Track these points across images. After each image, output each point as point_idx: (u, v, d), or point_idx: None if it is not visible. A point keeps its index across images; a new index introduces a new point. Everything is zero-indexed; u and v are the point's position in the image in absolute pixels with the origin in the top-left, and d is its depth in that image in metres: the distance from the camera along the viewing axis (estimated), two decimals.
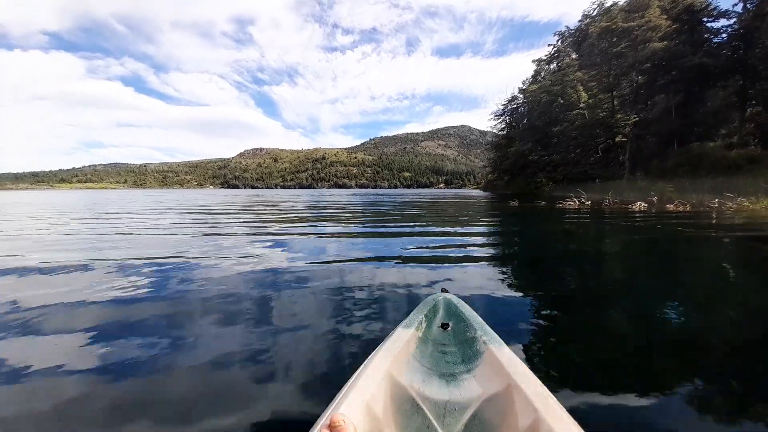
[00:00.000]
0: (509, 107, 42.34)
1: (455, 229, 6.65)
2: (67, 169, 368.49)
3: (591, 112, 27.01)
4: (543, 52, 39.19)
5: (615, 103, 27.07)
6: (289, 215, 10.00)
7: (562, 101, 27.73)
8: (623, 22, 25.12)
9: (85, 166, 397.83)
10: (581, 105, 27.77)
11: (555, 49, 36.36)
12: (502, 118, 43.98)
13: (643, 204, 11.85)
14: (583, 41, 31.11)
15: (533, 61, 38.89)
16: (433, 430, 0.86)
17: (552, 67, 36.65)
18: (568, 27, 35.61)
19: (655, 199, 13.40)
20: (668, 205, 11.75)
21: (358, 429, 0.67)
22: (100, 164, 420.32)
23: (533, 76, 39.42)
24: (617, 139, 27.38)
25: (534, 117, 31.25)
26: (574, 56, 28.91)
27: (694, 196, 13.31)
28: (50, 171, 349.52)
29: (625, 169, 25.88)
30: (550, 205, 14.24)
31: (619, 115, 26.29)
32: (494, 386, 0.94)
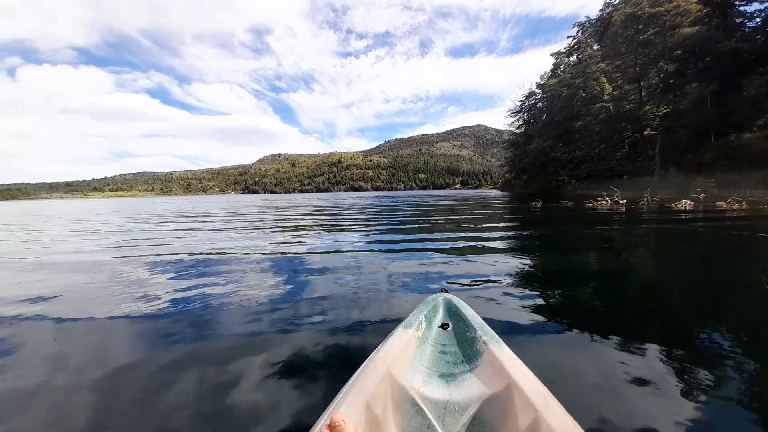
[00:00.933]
0: (527, 103, 40.88)
1: (471, 235, 5.97)
2: (100, 179, 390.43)
3: (616, 105, 25.52)
4: (560, 47, 37.58)
5: (642, 94, 25.47)
6: (296, 225, 9.66)
7: (584, 94, 26.36)
8: (650, 8, 23.61)
9: (116, 176, 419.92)
10: (605, 97, 26.31)
11: (575, 40, 34.76)
12: (520, 114, 42.53)
13: (688, 202, 10.34)
14: (605, 31, 29.56)
15: (552, 55, 37.38)
16: (433, 430, 0.86)
17: (572, 59, 35.07)
18: (588, 17, 34.03)
19: (702, 196, 11.87)
20: (719, 204, 10.28)
21: (358, 429, 0.67)
22: (130, 173, 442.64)
23: (552, 70, 37.89)
24: (645, 133, 25.72)
25: (554, 112, 29.86)
26: (596, 47, 27.47)
27: (747, 192, 11.91)
28: (83, 180, 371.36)
29: (655, 164, 24.23)
30: (577, 205, 12.74)
31: (648, 107, 24.71)
32: (494, 386, 0.93)
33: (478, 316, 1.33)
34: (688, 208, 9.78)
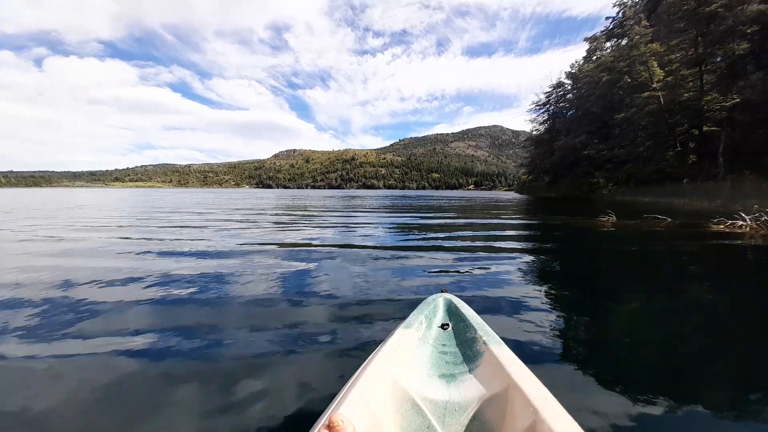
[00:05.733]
0: (554, 95, 36.11)
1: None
2: (122, 169, 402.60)
3: (670, 94, 20.90)
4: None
5: (704, 80, 20.78)
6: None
7: (629, 80, 21.77)
8: None
9: (137, 166, 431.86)
10: (654, 85, 21.67)
11: (613, 22, 29.80)
12: (545, 108, 37.80)
13: None
14: (656, 6, 24.80)
15: (586, 39, 32.41)
16: (433, 431, 0.85)
17: (610, 44, 30.23)
18: None
19: None
20: None
21: (357, 429, 0.66)
22: (150, 164, 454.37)
23: (585, 58, 33.04)
24: (705, 128, 21.03)
25: (590, 102, 25.25)
26: (644, 23, 22.75)
27: None
28: (106, 170, 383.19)
29: (718, 166, 19.58)
30: (676, 223, 7.21)
31: (710, 96, 20.02)
32: (494, 386, 0.93)
33: (478, 316, 1.31)
34: None
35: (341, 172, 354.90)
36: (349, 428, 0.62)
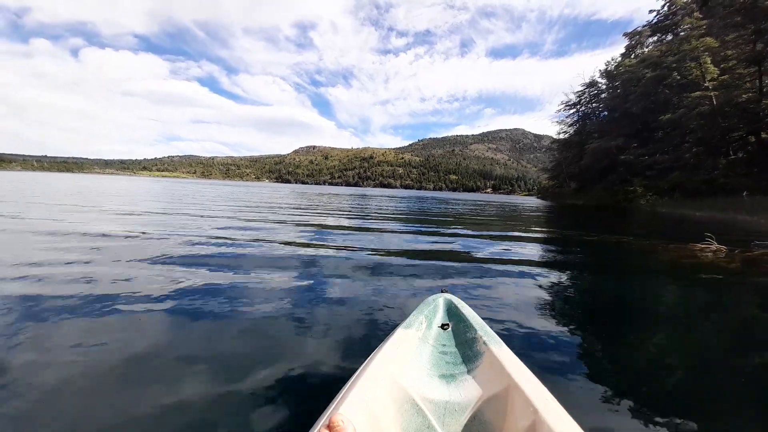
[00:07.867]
0: (586, 95, 33.75)
1: None
2: (150, 159, 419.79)
3: (724, 94, 18.64)
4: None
5: (764, 81, 18.43)
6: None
7: (678, 77, 19.62)
8: None
9: (165, 157, 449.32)
10: (707, 84, 19.44)
11: (658, 15, 27.21)
12: (575, 109, 35.43)
13: None
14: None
15: (625, 35, 29.94)
16: (433, 431, 0.86)
17: (653, 40, 27.75)
18: None
19: None
20: None
21: (357, 430, 0.66)
22: (177, 155, 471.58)
23: (623, 55, 30.57)
24: (765, 134, 18.67)
25: (630, 102, 23.05)
26: (696, 15, 20.44)
27: None
28: (135, 159, 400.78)
29: None
30: None
31: None
32: (494, 387, 0.93)
33: (478, 316, 1.30)
34: None
35: (359, 170, 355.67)
36: (349, 428, 0.61)
